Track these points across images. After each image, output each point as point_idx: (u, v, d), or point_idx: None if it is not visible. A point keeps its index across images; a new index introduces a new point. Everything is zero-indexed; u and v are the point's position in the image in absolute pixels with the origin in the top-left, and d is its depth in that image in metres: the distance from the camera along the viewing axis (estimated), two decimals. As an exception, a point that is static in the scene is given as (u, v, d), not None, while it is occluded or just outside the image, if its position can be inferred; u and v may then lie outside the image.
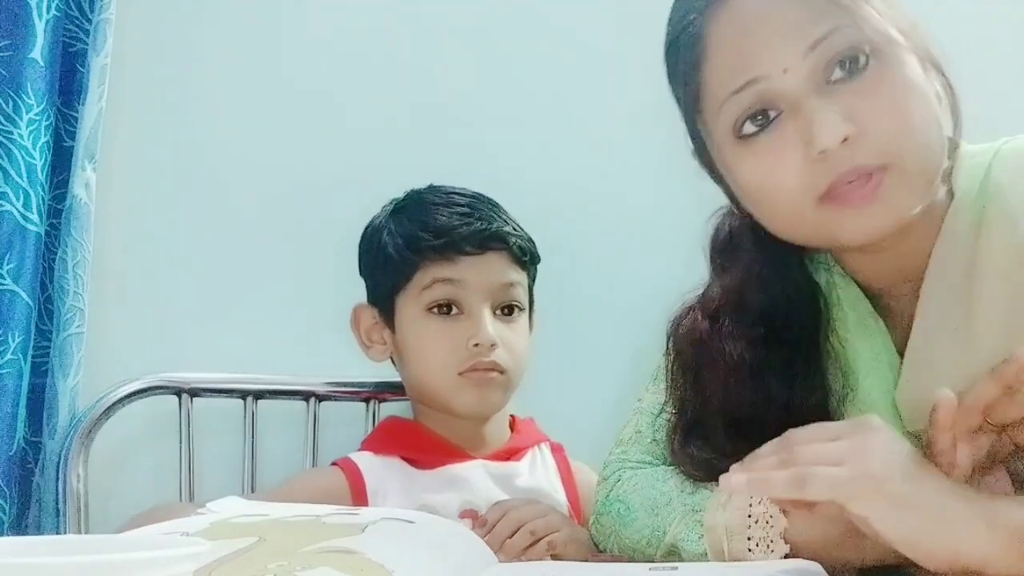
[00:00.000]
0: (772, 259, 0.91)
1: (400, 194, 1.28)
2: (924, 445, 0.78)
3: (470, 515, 1.14)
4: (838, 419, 0.87)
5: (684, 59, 0.86)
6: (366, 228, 1.27)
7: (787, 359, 0.89)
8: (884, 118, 0.78)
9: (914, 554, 0.70)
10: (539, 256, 1.26)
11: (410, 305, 1.19)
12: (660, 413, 0.98)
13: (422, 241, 1.17)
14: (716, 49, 0.83)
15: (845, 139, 0.78)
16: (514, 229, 1.22)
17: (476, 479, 1.18)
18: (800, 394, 0.88)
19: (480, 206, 1.21)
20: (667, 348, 0.97)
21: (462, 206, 1.20)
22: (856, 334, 0.89)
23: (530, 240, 1.25)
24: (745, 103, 0.82)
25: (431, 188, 1.26)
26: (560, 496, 1.22)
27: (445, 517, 1.10)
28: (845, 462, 0.70)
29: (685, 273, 0.99)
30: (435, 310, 1.18)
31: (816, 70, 0.79)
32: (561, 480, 1.25)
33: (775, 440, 0.76)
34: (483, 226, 1.18)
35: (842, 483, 0.69)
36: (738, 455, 0.84)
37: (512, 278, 1.20)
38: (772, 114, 0.82)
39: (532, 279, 1.27)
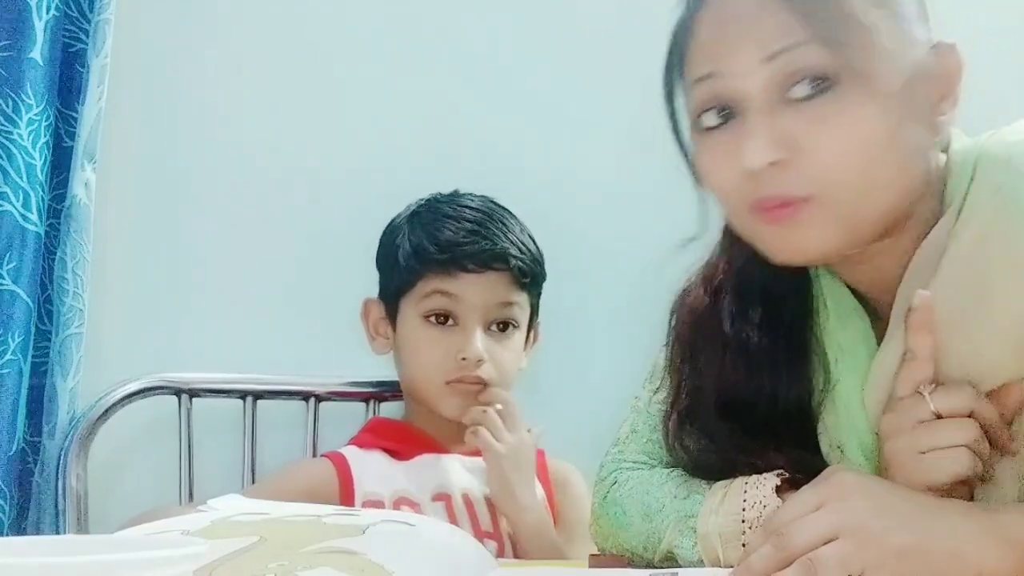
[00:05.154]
0: None
1: (404, 198, 1.29)
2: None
3: (443, 498, 1.21)
4: (818, 414, 0.87)
5: (676, 40, 0.84)
6: (388, 224, 1.30)
7: (775, 347, 0.88)
8: (823, 149, 0.76)
9: None
10: (544, 275, 1.29)
11: (411, 309, 1.25)
12: (655, 396, 0.97)
13: (427, 253, 1.23)
14: (697, 35, 0.82)
15: (774, 163, 0.76)
16: (520, 250, 1.25)
17: (450, 468, 1.25)
18: (785, 384, 0.87)
19: (490, 223, 1.25)
20: (669, 324, 0.96)
21: (471, 222, 1.24)
22: (837, 328, 0.87)
23: (535, 261, 1.27)
24: (703, 94, 0.81)
25: (451, 196, 1.29)
26: (538, 490, 1.26)
27: (418, 500, 1.21)
28: (840, 532, 0.69)
29: (684, 277, 0.98)
30: (432, 319, 1.24)
31: (773, 81, 0.77)
32: (537, 478, 1.27)
33: (760, 528, 0.76)
34: (487, 245, 1.22)
35: (851, 558, 0.68)
36: (729, 443, 0.86)
37: (510, 298, 1.25)
38: (733, 113, 0.80)
39: (537, 296, 1.30)
